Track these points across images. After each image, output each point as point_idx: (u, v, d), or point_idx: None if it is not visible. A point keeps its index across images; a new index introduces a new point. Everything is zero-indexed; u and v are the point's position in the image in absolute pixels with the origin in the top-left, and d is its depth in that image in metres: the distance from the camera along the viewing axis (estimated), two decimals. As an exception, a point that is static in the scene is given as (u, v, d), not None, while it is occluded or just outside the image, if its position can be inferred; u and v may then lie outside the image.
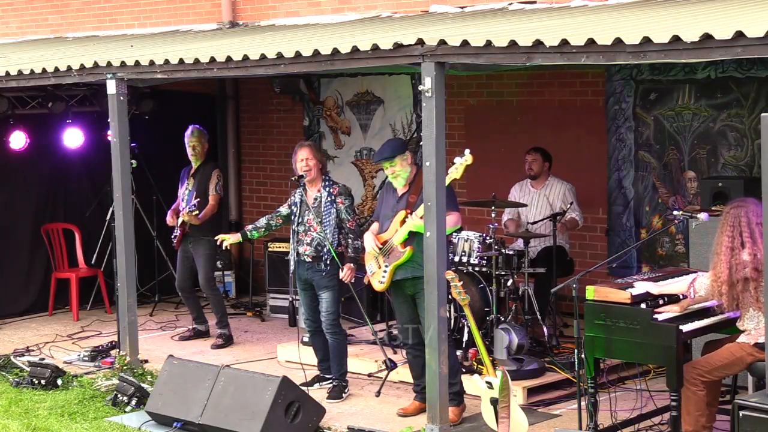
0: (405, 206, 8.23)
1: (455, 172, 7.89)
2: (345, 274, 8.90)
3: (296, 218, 9.08)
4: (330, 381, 9.16)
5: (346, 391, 9.02)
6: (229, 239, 9.42)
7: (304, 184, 9.10)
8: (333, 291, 8.99)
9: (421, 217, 7.84)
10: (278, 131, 13.47)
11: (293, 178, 9.12)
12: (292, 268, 9.14)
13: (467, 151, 7.89)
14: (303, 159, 9.04)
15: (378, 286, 8.45)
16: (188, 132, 10.87)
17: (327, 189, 9.02)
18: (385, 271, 8.27)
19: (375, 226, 8.56)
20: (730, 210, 7.10)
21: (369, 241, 8.42)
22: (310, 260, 8.98)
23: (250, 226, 9.44)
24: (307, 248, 8.97)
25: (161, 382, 8.56)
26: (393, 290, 8.41)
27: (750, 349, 6.97)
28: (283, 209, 9.26)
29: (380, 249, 8.28)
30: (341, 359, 9.08)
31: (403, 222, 8.10)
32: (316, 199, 9.03)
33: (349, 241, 9.00)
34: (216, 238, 9.58)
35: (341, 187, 9.08)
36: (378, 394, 8.87)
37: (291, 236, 9.13)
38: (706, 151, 10.16)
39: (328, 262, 8.92)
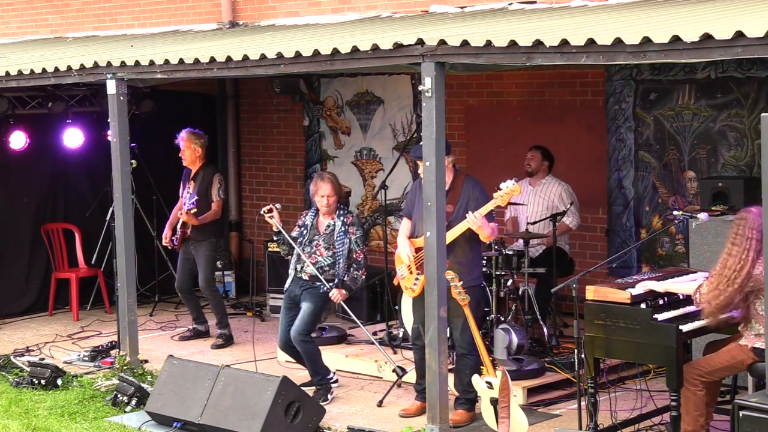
0: None
1: (500, 199, 7.88)
2: (334, 295, 8.92)
3: (304, 239, 9.09)
4: (330, 381, 9.19)
5: (331, 392, 9.02)
6: (273, 215, 9.08)
7: (317, 210, 9.11)
8: (315, 306, 8.94)
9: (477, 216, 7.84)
10: (278, 131, 13.48)
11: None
12: (288, 285, 9.10)
13: (514, 180, 7.82)
14: (324, 195, 8.99)
15: (410, 293, 8.41)
16: (179, 136, 10.84)
17: (341, 218, 9.03)
18: (417, 279, 8.23)
19: (406, 224, 8.49)
20: (740, 216, 6.93)
21: (404, 247, 8.38)
22: (307, 278, 9.00)
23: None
24: (308, 268, 8.98)
25: (161, 382, 8.56)
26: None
27: (748, 351, 6.97)
28: (294, 234, 9.20)
29: (415, 256, 8.28)
30: (316, 364, 9.04)
31: None
32: (328, 226, 9.04)
33: (351, 268, 9.01)
34: (267, 207, 9.18)
35: (354, 218, 9.11)
36: (380, 404, 8.79)
37: (293, 257, 9.12)
38: (706, 151, 10.16)
39: (324, 288, 8.93)
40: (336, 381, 9.27)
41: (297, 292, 9.04)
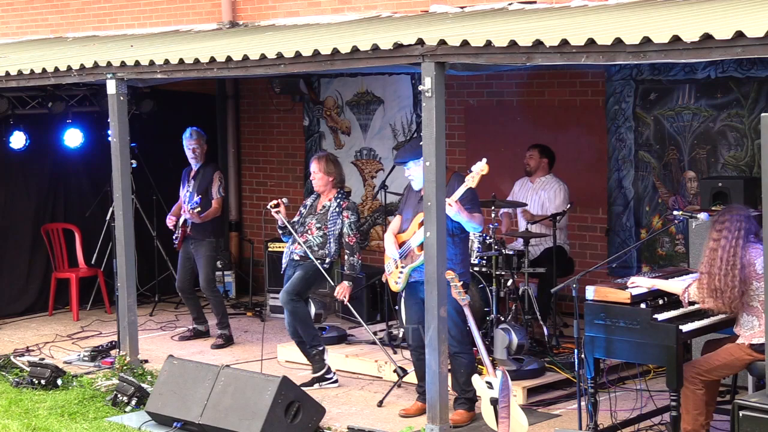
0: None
1: (471, 181, 7.87)
2: (339, 291, 9.10)
3: (300, 217, 9.24)
4: (330, 381, 9.20)
5: (325, 356, 9.20)
6: (279, 209, 9.24)
7: (319, 194, 9.31)
8: (306, 272, 9.13)
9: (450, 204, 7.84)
10: (278, 131, 13.48)
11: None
12: (284, 266, 9.31)
13: (484, 161, 7.82)
14: (312, 172, 9.28)
15: (394, 287, 8.49)
16: (186, 134, 10.86)
17: (337, 200, 9.22)
18: (401, 272, 8.29)
19: (396, 221, 8.56)
20: (721, 214, 7.15)
21: (388, 243, 8.45)
22: (299, 258, 9.15)
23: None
24: (298, 247, 9.16)
25: (161, 382, 8.56)
26: (407, 291, 8.42)
27: (747, 349, 6.99)
28: (295, 218, 9.33)
29: (398, 251, 8.32)
30: (305, 325, 9.20)
31: (421, 224, 8.04)
32: (324, 206, 9.22)
33: (346, 256, 9.09)
34: (274, 202, 9.34)
35: (350, 203, 9.27)
36: (380, 404, 8.79)
37: (289, 240, 9.27)
38: (706, 151, 10.16)
39: (311, 264, 9.06)
40: (336, 381, 9.28)
41: (291, 273, 9.23)
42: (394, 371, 9.10)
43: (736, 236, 6.98)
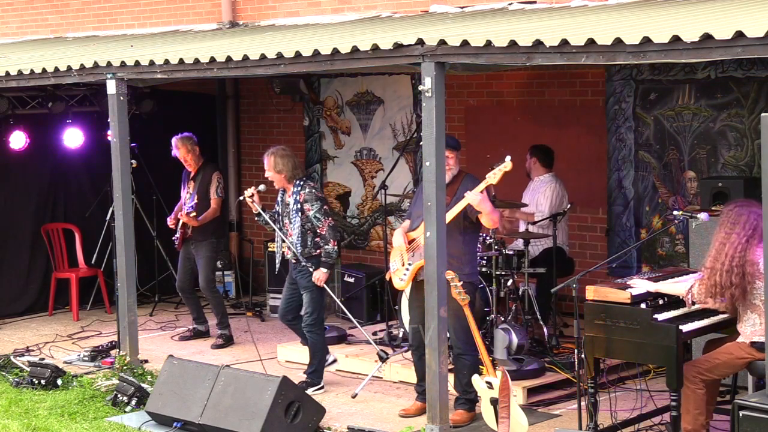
0: None
1: (492, 177, 7.86)
2: (316, 277, 9.01)
3: (277, 215, 9.24)
4: (316, 387, 9.21)
5: (317, 389, 9.08)
6: (254, 198, 9.15)
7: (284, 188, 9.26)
8: (312, 293, 9.06)
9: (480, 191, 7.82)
10: (278, 131, 13.47)
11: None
12: (277, 266, 9.31)
13: (508, 158, 7.80)
14: (265, 169, 9.19)
15: (398, 284, 8.42)
16: (172, 146, 10.83)
17: (294, 196, 9.09)
18: (407, 269, 8.26)
19: (406, 223, 8.53)
20: (734, 209, 7.11)
21: (398, 237, 8.42)
22: (294, 261, 9.13)
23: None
24: (288, 251, 9.14)
25: (161, 382, 8.56)
26: (413, 290, 8.39)
27: (747, 348, 6.99)
28: (273, 210, 9.33)
29: (407, 246, 8.30)
30: (313, 356, 9.17)
31: None
32: (288, 204, 9.16)
33: (321, 244, 9.04)
34: (249, 192, 9.22)
35: (307, 194, 9.05)
36: (354, 395, 8.79)
37: (276, 239, 9.29)
38: (706, 151, 10.16)
39: (302, 264, 9.04)
40: (335, 361, 9.40)
41: (294, 276, 9.20)
42: (377, 353, 9.08)
43: (749, 234, 6.97)
